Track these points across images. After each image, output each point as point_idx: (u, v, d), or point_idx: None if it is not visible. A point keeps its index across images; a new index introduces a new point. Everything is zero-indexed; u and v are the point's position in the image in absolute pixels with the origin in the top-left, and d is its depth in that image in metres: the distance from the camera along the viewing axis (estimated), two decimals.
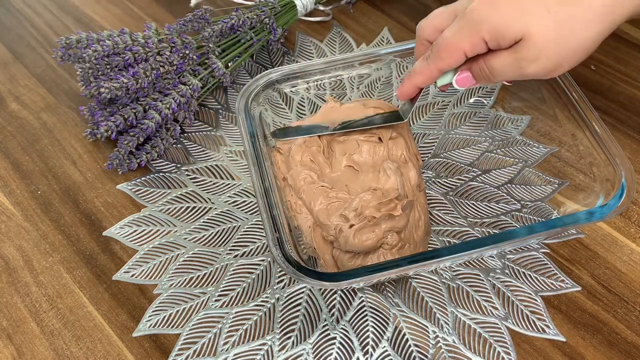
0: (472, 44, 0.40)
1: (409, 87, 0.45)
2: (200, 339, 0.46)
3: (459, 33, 0.40)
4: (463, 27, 0.40)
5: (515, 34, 0.38)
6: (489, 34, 0.39)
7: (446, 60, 0.41)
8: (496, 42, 0.39)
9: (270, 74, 0.50)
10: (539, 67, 0.39)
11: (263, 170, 0.45)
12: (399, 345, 0.46)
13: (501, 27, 0.38)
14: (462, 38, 0.40)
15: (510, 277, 0.49)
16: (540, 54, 0.38)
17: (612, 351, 0.45)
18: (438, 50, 0.41)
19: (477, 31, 0.39)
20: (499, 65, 0.40)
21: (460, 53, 0.41)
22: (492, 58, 0.40)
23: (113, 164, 0.55)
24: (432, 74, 0.43)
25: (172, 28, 0.60)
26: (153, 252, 0.51)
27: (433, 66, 0.42)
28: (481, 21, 0.39)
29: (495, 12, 0.38)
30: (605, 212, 0.42)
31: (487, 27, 0.38)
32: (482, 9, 0.39)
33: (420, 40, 0.45)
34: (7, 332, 0.47)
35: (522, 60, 0.39)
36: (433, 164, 0.55)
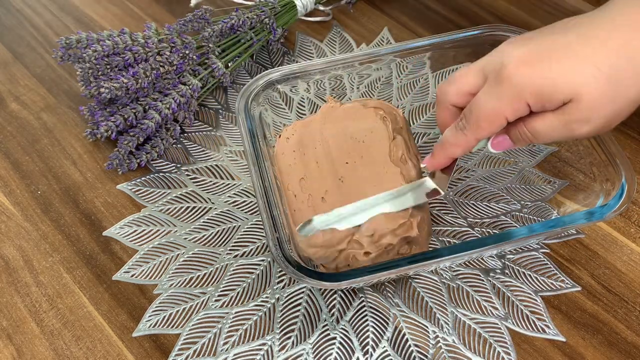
0: (514, 110, 0.37)
1: (443, 159, 0.42)
2: (200, 339, 0.46)
3: (498, 99, 0.37)
4: (502, 93, 0.36)
5: (564, 95, 0.35)
6: (534, 99, 0.36)
7: (487, 130, 0.38)
8: (541, 105, 0.36)
9: (270, 74, 0.50)
10: (591, 128, 0.36)
11: (263, 170, 0.45)
12: (399, 345, 0.46)
13: (547, 90, 0.35)
14: (503, 105, 0.37)
15: (510, 277, 0.49)
16: (592, 114, 0.35)
17: (612, 351, 0.45)
18: (476, 119, 0.38)
19: (519, 97, 0.36)
20: (544, 128, 0.37)
21: (502, 120, 0.37)
22: (536, 121, 0.37)
23: (113, 164, 0.55)
24: (469, 145, 0.40)
25: (172, 28, 0.60)
26: (153, 252, 0.51)
27: (471, 136, 0.39)
28: (523, 86, 0.36)
29: (539, 73, 0.35)
30: (605, 212, 0.42)
31: (530, 91, 0.35)
32: (523, 72, 0.35)
33: (444, 105, 0.42)
34: (7, 332, 0.47)
35: (572, 123, 0.36)
36: None
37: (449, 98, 0.41)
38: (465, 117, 0.39)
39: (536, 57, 0.36)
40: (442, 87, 0.42)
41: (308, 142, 0.51)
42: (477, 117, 0.38)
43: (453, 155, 0.42)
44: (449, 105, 0.42)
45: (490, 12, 0.69)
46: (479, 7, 0.70)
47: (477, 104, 0.38)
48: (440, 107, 0.43)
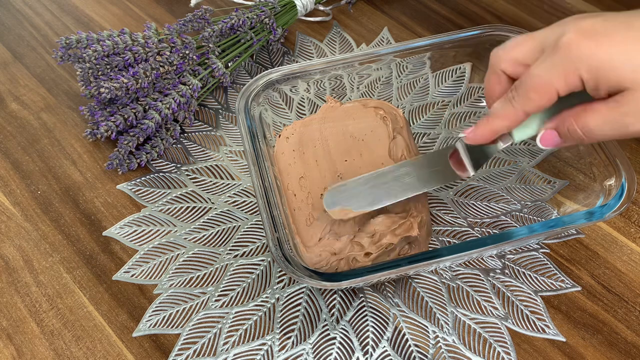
0: (567, 83, 0.34)
1: (487, 132, 0.39)
2: (200, 339, 0.46)
3: (551, 68, 0.34)
4: (557, 64, 0.34)
5: (620, 79, 0.32)
6: (589, 74, 0.33)
7: (536, 102, 0.35)
8: (595, 84, 0.33)
9: (270, 74, 0.50)
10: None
11: (263, 170, 0.45)
12: (399, 345, 0.46)
13: (605, 67, 0.32)
14: (555, 76, 0.34)
15: (510, 277, 0.49)
16: None
17: (612, 351, 0.45)
18: (526, 89, 0.35)
19: (574, 68, 0.33)
20: (596, 123, 0.34)
21: (553, 93, 0.35)
22: (586, 115, 0.35)
23: (113, 164, 0.55)
24: (517, 117, 0.37)
25: (172, 28, 0.60)
26: (153, 252, 0.51)
27: (519, 108, 0.36)
28: (581, 57, 0.33)
29: (599, 48, 0.32)
30: (605, 212, 0.42)
31: (587, 65, 0.33)
32: (583, 44, 0.33)
33: (494, 71, 0.39)
34: (7, 332, 0.47)
35: (627, 116, 0.33)
36: None
37: (500, 63, 0.38)
38: (516, 88, 0.36)
39: (602, 31, 0.33)
40: (495, 51, 0.39)
41: (307, 141, 0.51)
42: (527, 86, 0.35)
43: (498, 129, 0.38)
44: (499, 71, 0.39)
45: (490, 12, 0.69)
46: (479, 7, 0.70)
47: (529, 73, 0.35)
48: (491, 72, 0.39)
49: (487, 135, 0.39)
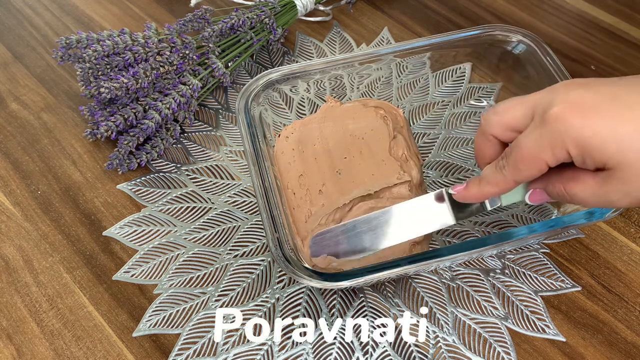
0: (554, 156, 0.34)
1: (476, 195, 0.39)
2: (200, 339, 0.46)
3: (539, 142, 0.34)
4: (545, 136, 0.34)
5: (608, 159, 0.32)
6: (576, 149, 0.33)
7: (525, 173, 0.35)
8: (582, 160, 0.33)
9: (270, 74, 0.50)
10: (631, 201, 0.34)
11: (263, 170, 0.45)
12: (399, 345, 0.46)
13: (592, 145, 0.32)
14: (543, 148, 0.34)
15: (510, 277, 0.49)
16: (634, 188, 0.33)
17: (612, 351, 0.45)
18: (515, 160, 0.35)
19: (561, 142, 0.33)
20: (582, 194, 0.35)
21: (542, 165, 0.35)
22: (575, 185, 0.35)
23: (113, 164, 0.55)
24: (507, 186, 0.37)
25: (172, 28, 0.60)
26: (153, 252, 0.51)
27: (509, 177, 0.36)
28: (568, 132, 0.32)
29: (587, 125, 0.32)
30: (605, 212, 0.42)
31: (574, 141, 0.32)
32: (571, 119, 0.32)
33: (484, 135, 0.39)
34: (7, 332, 0.47)
35: (611, 194, 0.34)
36: (433, 164, 0.55)
37: (491, 129, 0.38)
38: (506, 156, 0.37)
39: (590, 107, 0.32)
40: (486, 115, 0.39)
41: (307, 140, 0.51)
42: (516, 157, 0.35)
43: (488, 194, 0.39)
44: (489, 136, 0.39)
45: (490, 12, 0.69)
46: (479, 7, 0.70)
47: (518, 143, 0.35)
48: (481, 136, 0.40)
49: (476, 197, 0.39)
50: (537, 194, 0.38)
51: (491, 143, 0.39)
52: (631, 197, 0.33)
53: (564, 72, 0.49)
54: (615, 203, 0.34)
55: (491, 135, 0.38)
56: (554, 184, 0.37)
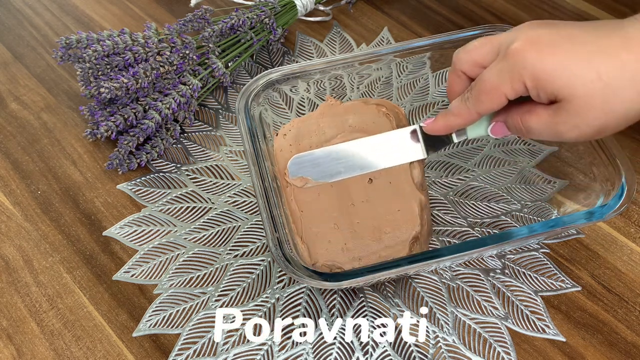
0: (513, 88, 0.37)
1: (443, 126, 0.42)
2: (200, 339, 0.46)
3: (500, 75, 0.37)
4: (504, 70, 0.36)
5: (558, 91, 0.35)
6: (532, 82, 0.36)
7: (486, 104, 0.38)
8: (536, 92, 0.36)
9: (270, 74, 0.50)
10: (579, 134, 0.36)
11: (263, 170, 0.45)
12: (399, 345, 0.46)
13: (544, 78, 0.35)
14: (503, 81, 0.37)
15: (510, 277, 0.49)
16: (581, 120, 0.35)
17: (612, 351, 0.45)
18: (478, 92, 0.38)
19: (519, 75, 0.36)
20: (536, 125, 0.38)
21: (502, 97, 0.37)
22: (530, 117, 0.38)
23: (113, 164, 0.55)
24: (471, 117, 0.40)
25: (172, 28, 0.60)
26: (153, 252, 0.51)
27: (473, 109, 0.39)
28: (524, 66, 0.35)
29: (541, 60, 0.35)
30: (605, 212, 0.42)
31: (530, 74, 0.35)
32: (528, 54, 0.35)
33: (455, 71, 0.42)
34: (7, 332, 0.47)
35: (561, 125, 0.36)
36: (433, 163, 0.55)
37: (461, 65, 0.41)
38: (470, 89, 0.39)
39: (546, 42, 0.35)
40: (458, 52, 0.41)
41: (304, 134, 0.51)
42: (479, 90, 0.38)
43: (453, 124, 0.42)
44: (459, 73, 0.41)
45: (490, 12, 0.69)
46: (479, 7, 0.70)
47: (481, 77, 0.38)
48: (452, 73, 0.42)
49: (443, 129, 0.42)
50: (498, 126, 0.41)
51: (460, 79, 0.41)
52: (579, 129, 0.36)
53: None
54: (564, 135, 0.37)
55: (460, 72, 0.41)
56: (513, 116, 0.39)
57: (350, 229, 0.47)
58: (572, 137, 0.37)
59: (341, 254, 0.46)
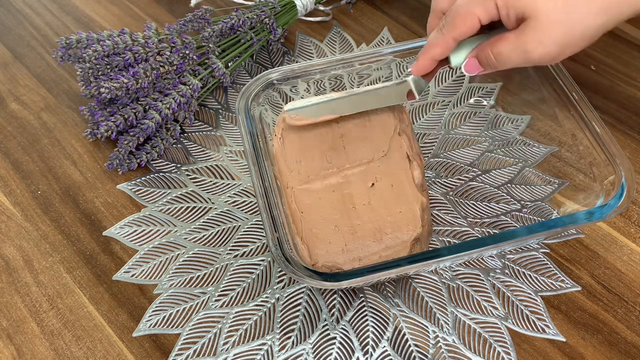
0: (485, 10, 0.39)
1: (426, 61, 0.44)
2: (200, 339, 0.46)
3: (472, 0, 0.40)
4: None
5: (524, 8, 0.38)
6: (501, 1, 0.38)
7: (461, 28, 0.41)
8: (506, 11, 0.39)
9: (270, 74, 0.50)
10: (544, 51, 0.39)
11: (263, 170, 0.45)
12: (399, 345, 0.46)
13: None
14: (475, 4, 0.40)
15: (510, 277, 0.49)
16: (545, 35, 0.38)
17: (612, 351, 0.45)
18: (452, 18, 0.41)
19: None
20: (505, 50, 0.40)
21: (475, 19, 0.40)
22: (498, 43, 0.40)
23: (113, 164, 0.55)
24: (448, 44, 0.42)
25: (172, 28, 0.60)
26: (153, 252, 0.51)
27: (448, 35, 0.42)
28: None
29: None
30: (605, 212, 0.42)
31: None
32: None
33: (434, 13, 0.45)
34: (7, 332, 0.47)
35: (527, 43, 0.39)
36: (433, 164, 0.55)
37: (439, 5, 0.44)
38: (445, 18, 0.42)
39: None
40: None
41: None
42: (453, 16, 0.41)
43: (435, 56, 0.43)
44: (439, 13, 0.44)
45: None
46: None
47: (455, 5, 0.41)
48: (432, 15, 0.45)
49: (428, 63, 0.44)
50: (470, 63, 0.43)
51: (440, 19, 0.44)
52: (543, 45, 0.38)
53: (563, 72, 0.49)
54: (531, 53, 0.39)
55: (440, 12, 0.44)
56: (483, 49, 0.41)
57: (350, 231, 0.47)
58: (538, 54, 0.39)
59: (341, 255, 0.46)
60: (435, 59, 0.44)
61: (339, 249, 0.46)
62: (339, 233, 0.47)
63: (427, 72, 0.45)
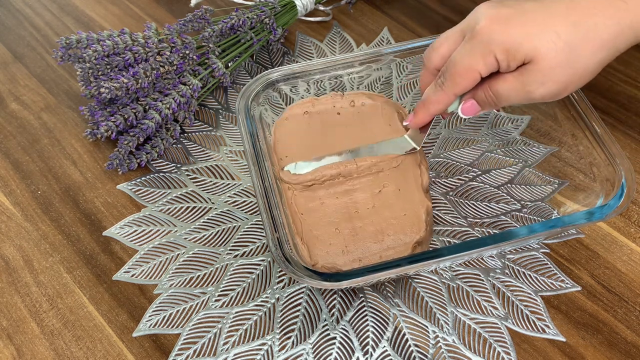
0: (486, 65, 0.40)
1: (425, 117, 0.45)
2: (200, 339, 0.46)
3: (471, 54, 0.40)
4: (475, 48, 0.40)
5: (526, 55, 0.38)
6: (502, 54, 0.39)
7: (462, 85, 0.41)
8: (507, 63, 0.39)
9: (270, 74, 0.50)
10: (546, 91, 0.39)
11: (263, 170, 0.45)
12: (399, 345, 0.46)
13: (513, 47, 0.38)
14: (475, 59, 0.40)
15: (510, 277, 0.49)
16: (547, 77, 0.39)
17: (612, 351, 0.45)
18: (452, 75, 0.41)
19: (489, 51, 0.39)
20: (504, 89, 0.40)
21: (476, 74, 0.40)
22: (498, 83, 0.40)
23: (113, 164, 0.55)
24: (448, 100, 0.43)
25: (172, 28, 0.60)
26: (153, 252, 0.51)
27: (450, 92, 0.42)
28: (493, 41, 0.39)
29: (507, 32, 0.38)
30: (605, 212, 0.42)
31: (499, 47, 0.39)
32: (495, 29, 0.39)
33: (428, 70, 0.45)
34: (7, 332, 0.47)
35: (529, 84, 0.39)
36: (433, 164, 0.55)
37: (434, 64, 0.44)
38: (443, 75, 0.42)
39: (506, 18, 0.39)
40: (427, 53, 0.44)
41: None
42: (453, 73, 0.41)
43: (434, 112, 0.44)
44: (434, 70, 0.44)
45: None
46: None
47: (452, 60, 0.41)
48: (425, 73, 0.45)
49: (427, 119, 0.46)
50: (467, 105, 0.43)
51: (434, 76, 0.44)
52: (545, 86, 0.39)
53: None
54: (533, 93, 0.40)
55: (434, 69, 0.44)
56: (481, 90, 0.42)
57: (352, 233, 0.47)
58: (540, 94, 0.40)
59: (341, 256, 0.46)
60: (434, 115, 0.45)
61: (339, 251, 0.46)
62: (339, 235, 0.47)
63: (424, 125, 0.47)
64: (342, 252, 0.46)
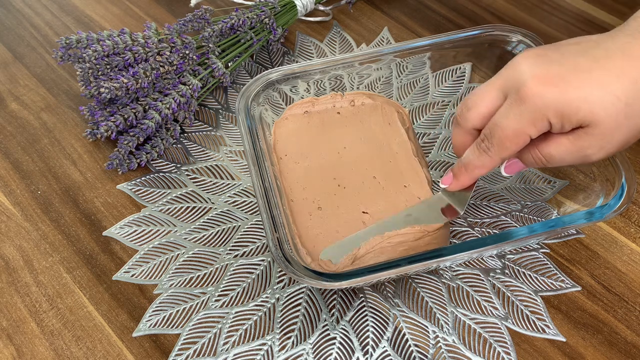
0: (537, 128, 0.37)
1: (468, 181, 0.43)
2: (200, 339, 0.46)
3: (521, 119, 0.37)
4: (524, 113, 0.37)
5: (584, 119, 0.36)
6: (556, 118, 0.36)
7: (511, 149, 0.39)
8: (561, 125, 0.37)
9: (270, 74, 0.50)
10: (605, 154, 0.38)
11: (263, 170, 0.45)
12: (399, 345, 0.46)
13: (569, 111, 0.36)
14: (525, 125, 0.37)
15: (510, 277, 0.49)
16: (606, 141, 0.37)
17: (612, 351, 0.45)
18: (500, 139, 0.38)
19: (542, 115, 0.36)
20: (558, 152, 0.38)
21: (526, 138, 0.38)
22: (550, 146, 0.38)
23: (113, 164, 0.55)
24: (494, 165, 0.40)
25: (172, 28, 0.60)
26: (153, 252, 0.51)
27: (496, 157, 0.40)
28: (546, 105, 0.36)
29: (562, 95, 0.36)
30: (605, 212, 0.42)
31: (553, 111, 0.36)
32: (546, 92, 0.36)
33: (465, 130, 0.42)
34: (7, 332, 0.47)
35: (587, 148, 0.37)
36: (433, 164, 0.55)
37: (471, 124, 0.41)
38: (488, 138, 0.39)
39: (558, 78, 0.36)
40: (462, 114, 0.41)
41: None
42: (501, 137, 0.38)
43: (477, 176, 0.42)
44: (471, 131, 0.41)
45: (490, 12, 0.69)
46: (479, 7, 0.70)
47: (499, 124, 0.38)
48: (460, 133, 0.42)
49: (469, 183, 0.44)
50: (512, 164, 0.42)
51: (473, 136, 0.42)
52: (605, 150, 0.37)
53: None
54: (591, 157, 0.38)
55: (472, 129, 0.41)
56: (529, 150, 0.40)
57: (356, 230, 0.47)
58: (598, 157, 0.38)
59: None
60: (477, 178, 0.43)
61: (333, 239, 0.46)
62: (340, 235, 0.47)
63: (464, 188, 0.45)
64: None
